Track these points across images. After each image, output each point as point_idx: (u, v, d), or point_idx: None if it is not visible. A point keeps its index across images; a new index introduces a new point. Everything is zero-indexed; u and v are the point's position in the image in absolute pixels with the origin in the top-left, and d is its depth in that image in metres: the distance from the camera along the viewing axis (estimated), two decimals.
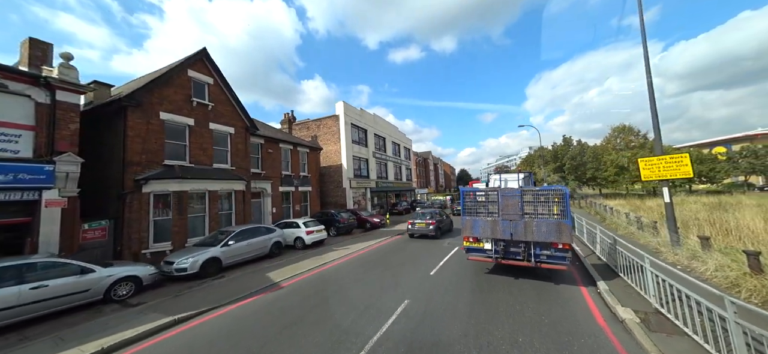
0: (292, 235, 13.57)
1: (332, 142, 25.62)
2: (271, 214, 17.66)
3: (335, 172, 25.38)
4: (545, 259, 7.25)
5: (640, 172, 9.59)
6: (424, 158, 71.20)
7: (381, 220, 21.31)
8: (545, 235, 7.05)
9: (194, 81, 12.51)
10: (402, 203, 33.57)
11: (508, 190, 8.00)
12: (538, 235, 7.13)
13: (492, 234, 7.73)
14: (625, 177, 33.92)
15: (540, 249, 7.29)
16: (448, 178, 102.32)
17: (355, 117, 27.72)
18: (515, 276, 8.17)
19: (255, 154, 17.27)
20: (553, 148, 37.31)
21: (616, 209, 18.25)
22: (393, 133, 38.55)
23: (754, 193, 30.99)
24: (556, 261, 7.12)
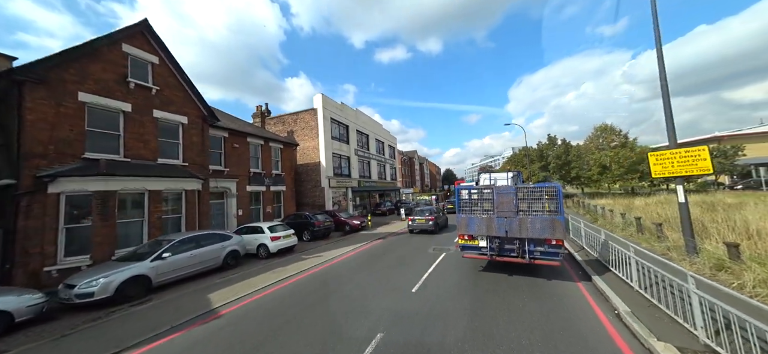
0: (255, 241, 11.68)
1: (310, 138, 23.71)
2: (236, 216, 15.63)
3: (313, 171, 23.49)
4: (539, 256, 7.34)
5: (650, 169, 8.50)
6: (409, 157, 70.14)
7: (362, 222, 19.67)
8: (539, 231, 7.11)
9: (132, 58, 10.39)
10: (386, 203, 32.06)
11: (503, 188, 8.11)
12: (532, 232, 7.17)
13: (487, 231, 7.74)
14: (607, 176, 33.97)
15: (534, 245, 7.36)
16: (433, 177, 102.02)
17: (335, 111, 25.91)
18: (509, 273, 8.15)
19: (216, 149, 15.19)
20: (538, 146, 37.02)
21: (608, 209, 17.47)
22: (377, 130, 36.98)
23: (726, 192, 31.77)
24: (549, 257, 7.25)
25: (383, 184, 36.97)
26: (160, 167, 10.71)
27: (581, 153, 36.14)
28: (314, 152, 23.49)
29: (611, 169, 33.72)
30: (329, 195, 23.36)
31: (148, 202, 9.73)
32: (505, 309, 5.90)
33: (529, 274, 7.91)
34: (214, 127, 14.53)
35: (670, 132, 7.99)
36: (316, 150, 23.43)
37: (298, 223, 16.20)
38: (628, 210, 17.73)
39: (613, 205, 22.23)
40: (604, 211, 17.38)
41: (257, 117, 23.80)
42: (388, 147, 41.71)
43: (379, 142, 37.83)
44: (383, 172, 38.26)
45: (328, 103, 24.57)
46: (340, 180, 25.15)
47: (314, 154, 23.49)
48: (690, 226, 7.52)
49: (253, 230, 12.10)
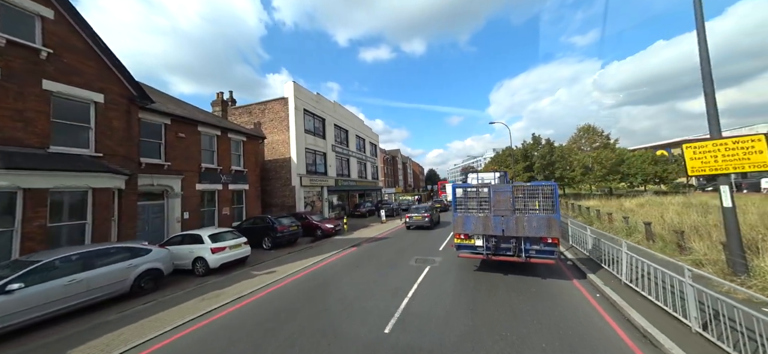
0: (190, 254, 9.16)
1: (279, 131, 21.09)
2: (180, 221, 12.91)
3: (283, 168, 20.90)
4: (535, 254, 7.34)
5: (685, 164, 6.90)
6: (392, 156, 68.33)
7: (336, 226, 17.40)
8: (536, 230, 7.15)
9: (2, 4, 7.59)
10: (365, 204, 29.88)
11: (499, 186, 8.10)
12: (529, 231, 7.20)
13: (484, 230, 7.73)
14: (590, 177, 33.66)
15: (530, 244, 7.36)
16: (417, 177, 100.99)
17: (310, 103, 23.41)
18: (504, 272, 8.07)
19: (154, 139, 12.42)
20: (523, 146, 36.28)
21: (605, 211, 16.24)
22: (357, 126, 34.71)
23: (699, 193, 32.31)
24: (544, 255, 7.25)
25: (364, 184, 34.77)
26: (56, 158, 7.97)
27: (564, 154, 35.72)
28: (284, 147, 20.91)
29: (594, 169, 33.44)
30: (301, 195, 20.88)
31: (22, 205, 7.00)
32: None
33: (526, 273, 7.82)
34: (150, 110, 11.77)
35: (712, 123, 6.38)
36: (286, 144, 20.86)
37: (258, 229, 13.71)
38: (620, 212, 16.69)
39: (602, 207, 21.32)
40: (600, 214, 16.14)
41: (217, 105, 20.87)
42: (370, 144, 39.55)
43: (359, 139, 35.57)
44: (364, 171, 36.05)
45: (301, 92, 22.04)
46: (314, 178, 22.70)
47: (284, 148, 20.91)
48: (738, 238, 5.94)
49: (190, 239, 9.54)
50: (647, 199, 25.04)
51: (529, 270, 7.99)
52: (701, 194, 29.88)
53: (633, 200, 24.43)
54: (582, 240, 9.93)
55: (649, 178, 32.83)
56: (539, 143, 35.62)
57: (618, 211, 16.99)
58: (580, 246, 10.07)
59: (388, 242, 14.47)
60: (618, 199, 26.94)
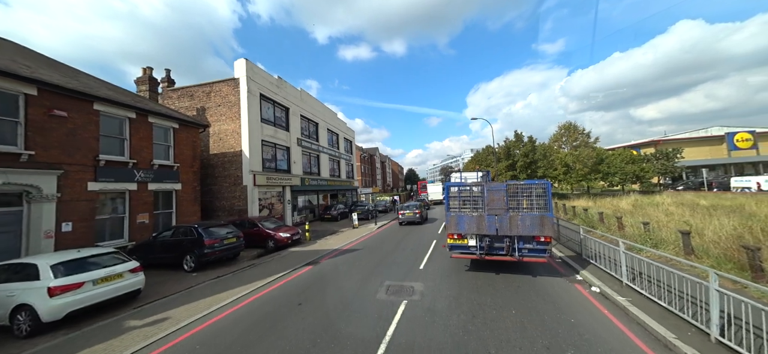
0: (9, 300, 5.56)
1: (228, 119, 17.33)
2: (51, 236, 9.03)
3: (232, 163, 17.18)
4: (527, 253, 7.35)
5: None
6: (370, 154, 65.39)
7: (293, 235, 14.08)
8: (529, 228, 7.11)
9: None
10: (338, 206, 26.60)
11: (493, 185, 7.98)
12: (522, 229, 7.16)
13: (477, 230, 7.61)
14: (572, 176, 32.63)
15: (523, 243, 7.34)
16: (396, 177, 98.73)
17: (269, 87, 19.77)
18: (496, 272, 8.01)
19: (6, 117, 8.50)
20: (505, 143, 34.67)
21: (597, 212, 14.21)
22: (329, 119, 31.31)
23: (671, 193, 32.37)
24: (537, 254, 7.26)
25: (337, 183, 31.44)
26: None
27: (546, 152, 34.54)
28: (234, 138, 17.18)
29: (575, 168, 32.43)
30: (255, 196, 17.26)
31: None
32: None
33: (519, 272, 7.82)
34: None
35: None
36: (237, 135, 17.14)
37: (177, 244, 10.15)
38: (616, 213, 14.84)
39: (594, 207, 19.65)
40: (603, 217, 14.12)
41: (143, 84, 16.68)
42: (344, 140, 36.27)
43: (332, 134, 32.20)
44: (337, 169, 32.72)
45: (256, 73, 18.35)
46: (273, 176, 19.12)
47: (234, 140, 17.18)
48: None
49: (13, 273, 5.88)
50: (636, 198, 23.97)
51: (522, 269, 8.03)
52: (677, 193, 29.65)
53: (621, 200, 23.23)
54: (607, 257, 7.45)
55: (628, 177, 32.36)
56: (521, 141, 34.17)
57: (615, 213, 15.16)
58: (604, 265, 7.59)
59: (355, 256, 11.43)
60: (603, 199, 25.82)
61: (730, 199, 20.33)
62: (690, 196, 23.86)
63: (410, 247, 12.73)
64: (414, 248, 12.38)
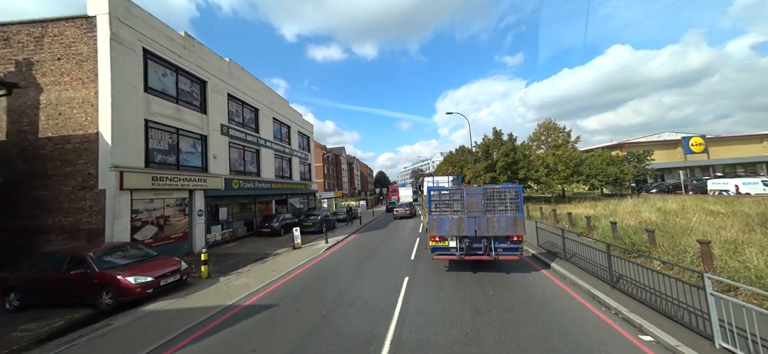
0: None
1: (74, 83, 10.69)
2: None
3: (78, 154, 10.55)
4: (502, 252, 7.92)
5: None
6: (335, 154, 59.29)
7: (167, 276, 8.07)
8: (504, 229, 7.74)
9: None
10: (281, 216, 20.55)
11: (472, 189, 8.32)
12: (498, 230, 7.76)
13: (458, 231, 8.03)
14: (554, 178, 29.84)
15: (498, 242, 7.89)
16: (365, 179, 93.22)
17: (164, 44, 13.29)
18: (474, 270, 8.60)
19: None
20: (484, 142, 31.12)
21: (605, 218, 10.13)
22: (278, 106, 25.15)
23: (650, 195, 31.08)
24: (510, 252, 7.90)
25: (287, 186, 25.30)
26: None
27: (526, 152, 31.58)
28: (86, 113, 10.58)
29: (557, 170, 29.69)
30: (124, 206, 10.79)
31: None
32: None
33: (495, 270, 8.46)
34: None
35: None
36: (90, 108, 10.57)
37: None
38: (644, 224, 11.10)
39: (591, 212, 16.05)
40: (615, 228, 10.10)
41: None
42: (299, 135, 30.19)
43: (281, 126, 26.04)
44: (287, 169, 26.57)
45: (134, 15, 11.80)
46: (168, 175, 12.76)
47: (86, 116, 10.58)
48: None
49: None
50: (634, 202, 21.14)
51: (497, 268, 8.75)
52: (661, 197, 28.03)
53: (618, 205, 20.23)
54: None
55: (610, 180, 30.39)
56: (501, 139, 30.82)
57: (643, 224, 11.36)
58: None
59: (258, 326, 5.89)
60: (592, 204, 22.91)
61: (728, 203, 18.06)
62: (690, 200, 21.55)
63: (367, 293, 7.45)
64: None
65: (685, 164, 49.00)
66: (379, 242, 15.10)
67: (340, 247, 14.73)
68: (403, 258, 11.15)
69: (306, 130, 32.26)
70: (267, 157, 22.37)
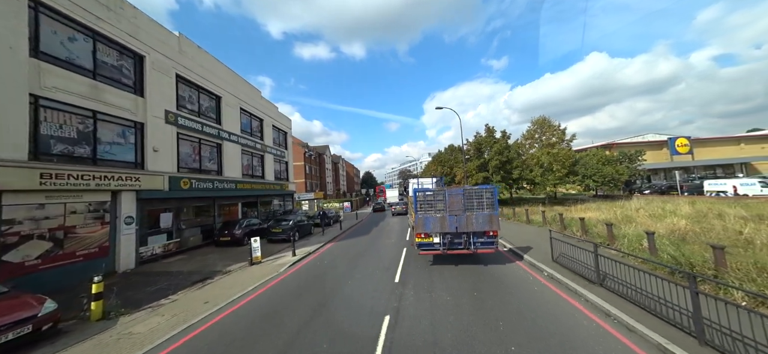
0: None
1: None
2: None
3: None
4: (480, 245, 8.87)
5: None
6: (318, 153, 56.06)
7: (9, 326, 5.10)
8: (482, 225, 8.68)
9: None
10: (246, 222, 17.51)
11: (453, 190, 9.10)
12: (476, 226, 8.69)
13: (441, 228, 8.86)
14: (549, 179, 28.08)
15: (476, 237, 8.82)
16: (350, 180, 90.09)
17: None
18: (455, 264, 9.41)
19: None
20: (476, 139, 29.01)
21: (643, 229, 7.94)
22: (246, 96, 22.04)
23: (642, 196, 29.97)
24: (487, 245, 8.89)
25: (257, 186, 22.24)
26: None
27: (520, 151, 29.74)
28: None
29: (552, 169, 27.96)
30: None
31: None
32: None
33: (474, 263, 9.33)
34: None
35: None
36: None
37: None
38: (626, 222, 9.03)
39: (600, 216, 14.03)
40: (652, 239, 7.88)
41: None
42: (274, 130, 27.14)
43: (250, 118, 22.94)
44: (258, 167, 23.50)
45: None
46: (72, 171, 9.65)
47: None
48: None
49: None
50: (635, 203, 19.47)
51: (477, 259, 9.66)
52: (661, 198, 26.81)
53: (617, 206, 18.48)
54: None
55: (606, 181, 28.95)
56: (493, 137, 28.80)
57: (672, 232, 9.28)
58: None
59: None
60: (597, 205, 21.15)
61: (744, 206, 16.59)
62: (701, 203, 20.08)
63: (328, 346, 4.81)
64: (344, 343, 4.56)
65: (672, 165, 49.06)
66: (358, 254, 12.45)
67: (310, 261, 11.98)
68: (386, 281, 8.55)
69: (283, 124, 29.18)
70: (232, 153, 19.27)
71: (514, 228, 16.33)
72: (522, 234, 14.06)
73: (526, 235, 13.83)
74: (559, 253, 8.97)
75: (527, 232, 14.47)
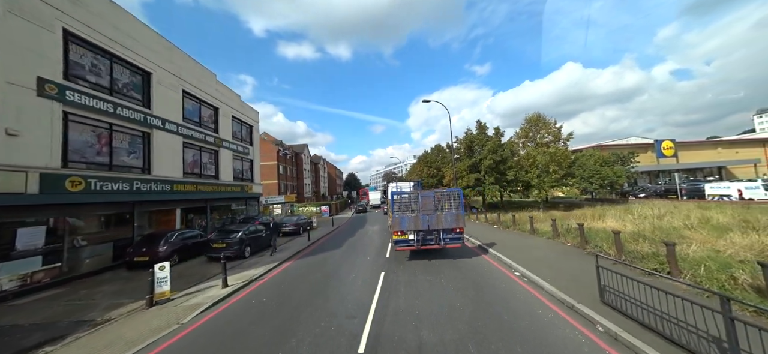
0: None
1: None
2: None
3: None
4: (449, 241, 9.95)
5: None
6: (296, 153, 51.60)
7: None
8: (450, 222, 9.83)
9: None
10: (178, 235, 13.38)
11: (426, 192, 10.46)
12: (445, 224, 9.83)
13: (415, 226, 9.91)
14: (546, 181, 25.51)
15: (445, 234, 9.91)
16: (332, 182, 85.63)
17: None
18: (429, 259, 10.47)
19: None
20: (466, 136, 26.00)
21: None
22: (192, 76, 17.87)
23: (633, 200, 28.13)
24: (455, 241, 9.97)
25: (207, 188, 18.09)
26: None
27: (514, 150, 27.09)
28: None
29: (549, 171, 25.42)
30: None
31: None
32: None
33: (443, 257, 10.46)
34: None
35: None
36: None
37: None
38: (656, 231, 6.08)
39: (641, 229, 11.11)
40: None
41: None
42: (234, 122, 23.05)
43: (199, 104, 18.78)
44: (209, 165, 19.33)
45: None
46: None
47: None
48: None
49: None
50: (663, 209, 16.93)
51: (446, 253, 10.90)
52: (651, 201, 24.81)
53: (633, 211, 15.89)
54: None
55: (605, 183, 26.78)
56: (485, 134, 25.92)
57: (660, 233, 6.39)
58: None
59: None
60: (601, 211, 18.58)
61: (756, 208, 14.41)
62: (715, 209, 17.85)
63: None
64: None
65: (657, 168, 48.60)
66: (320, 282, 8.82)
67: (244, 296, 8.22)
68: (349, 336, 5.01)
69: (247, 116, 25.02)
70: (167, 146, 15.11)
71: (518, 240, 13.21)
72: (533, 251, 10.92)
73: (539, 252, 10.69)
74: (611, 291, 5.81)
75: (539, 248, 11.34)
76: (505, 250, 11.24)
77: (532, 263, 9.10)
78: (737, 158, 51.46)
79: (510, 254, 10.43)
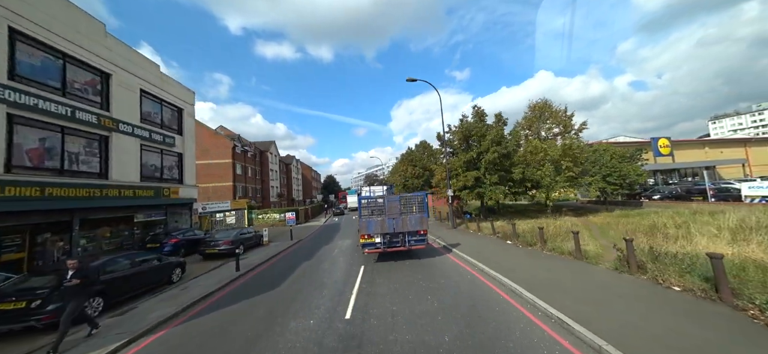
0: None
1: None
2: None
3: None
4: (414, 243, 10.38)
5: None
6: (260, 151, 44.58)
7: None
8: (414, 225, 10.27)
9: None
10: None
11: (392, 197, 11.06)
12: (410, 226, 10.25)
13: (381, 230, 10.23)
14: (558, 180, 20.71)
15: (410, 236, 10.33)
16: (308, 184, 78.41)
17: None
18: (395, 260, 10.77)
19: None
20: (461, 125, 20.74)
21: None
22: (55, 19, 11.23)
23: (651, 201, 24.16)
24: (419, 242, 10.43)
25: (82, 194, 11.52)
26: None
27: (520, 142, 22.23)
28: None
29: (563, 167, 20.70)
30: None
31: None
32: None
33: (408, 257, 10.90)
34: None
35: None
36: None
37: None
38: None
39: None
40: None
41: None
42: (148, 100, 16.71)
43: (75, 66, 12.18)
44: (90, 159, 12.72)
45: None
46: None
47: None
48: None
49: None
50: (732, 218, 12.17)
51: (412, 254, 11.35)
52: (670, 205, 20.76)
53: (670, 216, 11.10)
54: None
55: (625, 183, 22.42)
56: (483, 121, 20.77)
57: None
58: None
59: None
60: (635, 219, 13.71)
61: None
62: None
63: None
64: None
65: (655, 167, 46.20)
66: None
67: None
68: None
69: (172, 95, 18.49)
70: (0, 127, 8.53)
71: (568, 276, 7.87)
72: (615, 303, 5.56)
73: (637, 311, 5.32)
74: None
75: (624, 297, 6.00)
76: (567, 307, 5.80)
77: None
78: (723, 158, 50.60)
79: (579, 315, 4.98)
